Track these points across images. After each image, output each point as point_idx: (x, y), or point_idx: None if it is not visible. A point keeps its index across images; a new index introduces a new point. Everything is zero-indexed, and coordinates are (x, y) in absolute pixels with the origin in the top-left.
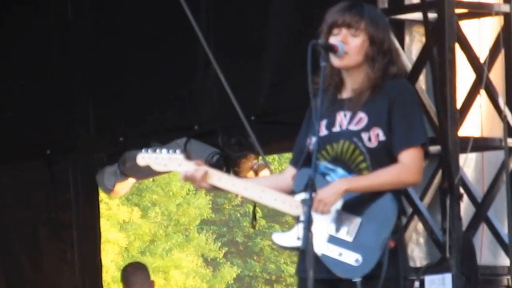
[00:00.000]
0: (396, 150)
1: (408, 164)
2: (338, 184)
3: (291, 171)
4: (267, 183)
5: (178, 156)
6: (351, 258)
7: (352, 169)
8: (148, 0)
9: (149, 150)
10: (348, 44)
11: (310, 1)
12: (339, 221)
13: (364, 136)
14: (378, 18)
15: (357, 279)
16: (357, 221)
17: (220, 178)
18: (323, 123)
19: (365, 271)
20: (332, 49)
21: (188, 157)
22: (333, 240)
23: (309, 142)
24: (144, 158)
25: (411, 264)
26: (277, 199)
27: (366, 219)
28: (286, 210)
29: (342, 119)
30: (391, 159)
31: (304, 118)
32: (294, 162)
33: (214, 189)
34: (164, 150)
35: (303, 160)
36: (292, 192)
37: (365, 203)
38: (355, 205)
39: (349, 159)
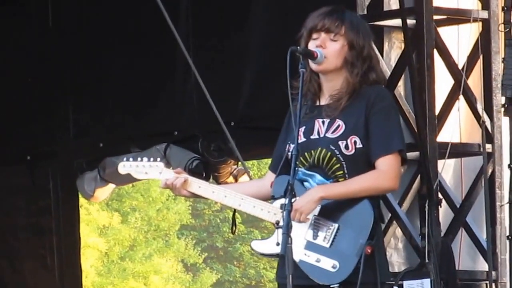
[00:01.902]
0: (373, 157)
1: (385, 171)
2: (313, 192)
3: (270, 176)
4: (246, 189)
5: (159, 164)
6: (328, 264)
7: (329, 175)
8: (127, 7)
9: (130, 159)
10: (326, 48)
11: (289, 7)
12: (316, 227)
13: (341, 144)
14: (359, 25)
15: (335, 285)
16: (334, 227)
17: (200, 186)
18: (302, 130)
19: (343, 277)
20: (311, 55)
21: (168, 165)
22: (310, 246)
23: (288, 148)
24: (125, 166)
25: (390, 269)
26: (256, 206)
27: (343, 225)
28: (265, 217)
29: (320, 126)
30: (369, 166)
31: (283, 124)
32: (273, 168)
33: (194, 196)
34: (145, 158)
35: (281, 167)
36: (271, 198)
37: (342, 209)
38: (332, 211)
39: (326, 166)
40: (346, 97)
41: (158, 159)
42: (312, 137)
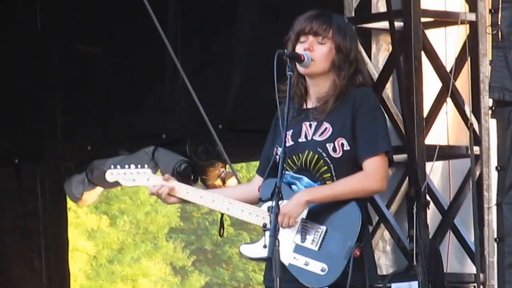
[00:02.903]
0: (360, 158)
1: (371, 172)
2: (299, 196)
3: (258, 180)
4: (234, 193)
5: (146, 171)
6: (317, 267)
7: (316, 178)
8: (116, 9)
9: (118, 166)
10: (314, 51)
11: (277, 10)
12: (304, 231)
13: (329, 146)
14: (345, 28)
15: None
16: (322, 229)
17: (188, 191)
18: (289, 133)
19: (332, 280)
20: (298, 58)
21: (156, 167)
22: (299, 249)
23: (275, 152)
24: (113, 174)
25: (378, 272)
26: (244, 210)
27: (331, 228)
28: (253, 221)
29: (307, 129)
30: (357, 168)
31: (270, 127)
32: (261, 171)
33: (182, 202)
34: (132, 166)
35: (269, 170)
36: (259, 201)
37: (330, 212)
38: (320, 214)
39: (314, 169)
40: (333, 99)
41: (146, 165)
42: (299, 140)
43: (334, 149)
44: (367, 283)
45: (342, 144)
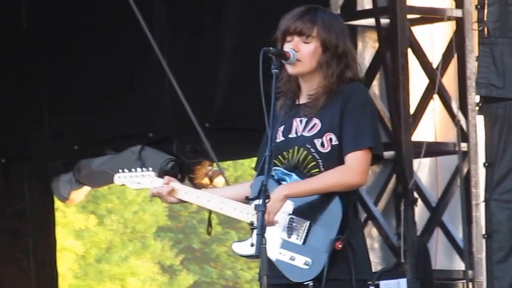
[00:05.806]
0: (344, 152)
1: (351, 166)
2: (278, 191)
3: None
4: (231, 192)
5: (150, 173)
6: (301, 261)
7: (304, 174)
8: (102, 9)
9: (126, 170)
10: (300, 51)
11: (264, 7)
12: (290, 226)
13: (317, 142)
14: (331, 23)
15: (308, 282)
16: (306, 224)
17: (186, 192)
18: (281, 129)
19: (315, 274)
20: (283, 56)
21: (143, 167)
22: (285, 244)
23: None
24: (120, 177)
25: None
26: (236, 208)
27: (314, 222)
28: (243, 218)
29: (298, 125)
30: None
31: (257, 125)
32: (257, 168)
33: (181, 202)
34: (138, 169)
35: (261, 166)
36: (246, 199)
37: (314, 206)
38: (305, 209)
39: (302, 164)
40: (324, 96)
41: (150, 168)
42: (290, 136)
43: (322, 145)
44: (353, 276)
45: (331, 139)
